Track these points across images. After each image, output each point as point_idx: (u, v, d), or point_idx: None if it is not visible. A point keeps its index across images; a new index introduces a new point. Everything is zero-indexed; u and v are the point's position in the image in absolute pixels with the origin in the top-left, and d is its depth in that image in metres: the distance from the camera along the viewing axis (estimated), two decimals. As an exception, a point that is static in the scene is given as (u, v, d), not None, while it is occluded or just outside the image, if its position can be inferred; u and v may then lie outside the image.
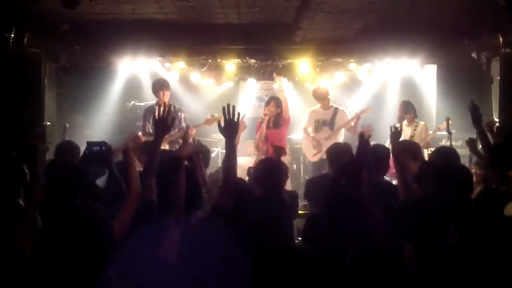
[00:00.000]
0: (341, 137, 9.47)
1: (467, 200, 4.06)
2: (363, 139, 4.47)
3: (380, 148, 5.65)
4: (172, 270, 3.23)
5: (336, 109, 9.58)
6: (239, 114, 4.11)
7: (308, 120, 9.72)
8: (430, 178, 4.59)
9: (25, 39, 7.69)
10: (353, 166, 4.26)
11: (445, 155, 5.44)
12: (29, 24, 7.71)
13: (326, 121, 9.51)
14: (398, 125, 8.76)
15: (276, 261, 2.74)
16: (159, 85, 8.78)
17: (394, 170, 5.87)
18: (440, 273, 3.14)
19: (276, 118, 9.20)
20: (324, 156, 7.66)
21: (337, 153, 6.39)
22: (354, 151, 4.84)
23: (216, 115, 8.85)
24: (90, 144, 4.13)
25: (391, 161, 7.18)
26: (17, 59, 7.72)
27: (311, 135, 9.58)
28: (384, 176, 5.79)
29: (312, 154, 9.56)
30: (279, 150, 5.68)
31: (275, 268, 2.72)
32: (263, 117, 9.18)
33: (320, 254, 2.89)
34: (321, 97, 9.63)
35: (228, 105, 4.06)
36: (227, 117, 4.06)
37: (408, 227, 3.36)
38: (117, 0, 7.08)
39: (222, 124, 4.08)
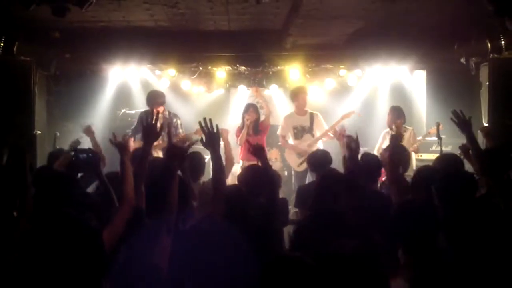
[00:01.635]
0: (321, 142, 9.38)
1: (461, 205, 4.07)
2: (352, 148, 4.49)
3: (370, 156, 5.67)
4: (164, 277, 3.22)
5: (312, 114, 9.40)
6: (217, 125, 4.13)
7: (285, 126, 9.47)
8: (424, 184, 4.61)
9: (15, 47, 7.68)
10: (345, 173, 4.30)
11: (451, 161, 5.46)
12: (19, 32, 7.70)
13: (306, 128, 9.35)
14: (387, 130, 8.92)
15: (272, 269, 2.74)
16: (154, 100, 8.57)
17: (384, 179, 5.92)
18: (431, 276, 3.15)
19: (255, 125, 9.20)
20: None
21: (318, 160, 6.45)
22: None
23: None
24: (77, 151, 4.12)
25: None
26: (7, 67, 7.72)
27: (292, 143, 9.45)
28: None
29: (297, 164, 9.32)
30: (258, 149, 5.40)
31: (271, 276, 2.72)
32: (246, 122, 9.14)
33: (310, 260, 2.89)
34: (300, 96, 9.38)
35: (205, 119, 4.08)
36: (207, 131, 4.07)
37: (400, 230, 3.38)
38: (108, 8, 7.08)
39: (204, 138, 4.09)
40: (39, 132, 8.18)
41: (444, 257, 3.33)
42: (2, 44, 7.55)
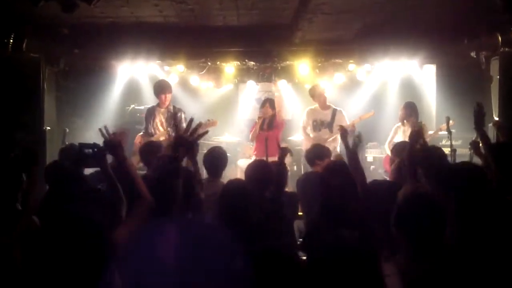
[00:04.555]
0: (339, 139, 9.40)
1: (467, 199, 4.04)
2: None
3: None
4: (170, 270, 3.23)
5: (334, 110, 9.45)
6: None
7: (306, 119, 9.60)
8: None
9: (24, 44, 7.69)
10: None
11: (432, 154, 5.44)
12: (27, 29, 7.71)
13: (325, 122, 9.38)
14: (398, 124, 8.90)
15: (267, 262, 2.75)
16: (161, 88, 8.69)
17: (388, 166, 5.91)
18: (436, 269, 3.14)
19: (271, 120, 9.17)
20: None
21: (312, 154, 6.48)
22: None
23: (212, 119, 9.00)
24: (82, 146, 4.12)
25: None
26: (16, 64, 7.73)
27: (311, 135, 9.52)
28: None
29: None
30: (285, 151, 5.58)
31: (268, 269, 2.73)
32: (257, 120, 9.15)
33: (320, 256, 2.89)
34: (317, 94, 9.53)
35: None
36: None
37: (405, 224, 3.36)
38: (116, 4, 7.07)
39: None
40: (48, 128, 8.19)
41: (450, 252, 3.31)
42: (11, 41, 7.56)
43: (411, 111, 8.88)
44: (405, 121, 8.88)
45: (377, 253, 3.21)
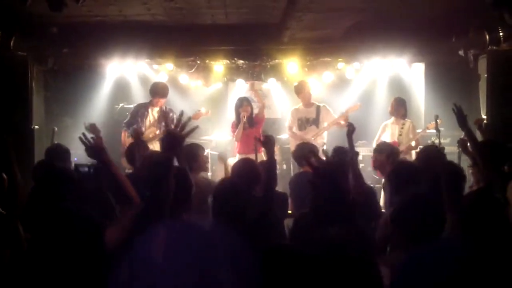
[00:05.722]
0: (325, 135, 9.44)
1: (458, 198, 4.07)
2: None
3: None
4: (160, 269, 3.22)
5: (318, 107, 9.47)
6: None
7: (292, 118, 9.61)
8: (408, 178, 4.63)
9: (12, 43, 7.65)
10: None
11: (431, 155, 5.51)
12: (15, 27, 7.67)
13: (310, 119, 9.41)
14: (385, 122, 8.97)
15: (270, 261, 2.74)
16: (159, 91, 8.77)
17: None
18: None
19: (250, 118, 9.19)
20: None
21: (302, 154, 6.52)
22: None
23: (203, 109, 9.08)
24: (77, 166, 4.13)
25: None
26: (4, 63, 7.69)
27: (297, 133, 9.52)
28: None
29: None
30: (268, 140, 5.31)
31: (269, 267, 2.72)
32: (242, 118, 9.12)
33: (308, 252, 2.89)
34: (303, 91, 9.52)
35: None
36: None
37: (404, 225, 3.38)
38: (104, 2, 7.06)
39: None
40: (37, 127, 8.15)
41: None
42: (-2, 39, 7.53)
43: (401, 104, 8.97)
44: (393, 118, 8.93)
45: (373, 251, 3.23)
